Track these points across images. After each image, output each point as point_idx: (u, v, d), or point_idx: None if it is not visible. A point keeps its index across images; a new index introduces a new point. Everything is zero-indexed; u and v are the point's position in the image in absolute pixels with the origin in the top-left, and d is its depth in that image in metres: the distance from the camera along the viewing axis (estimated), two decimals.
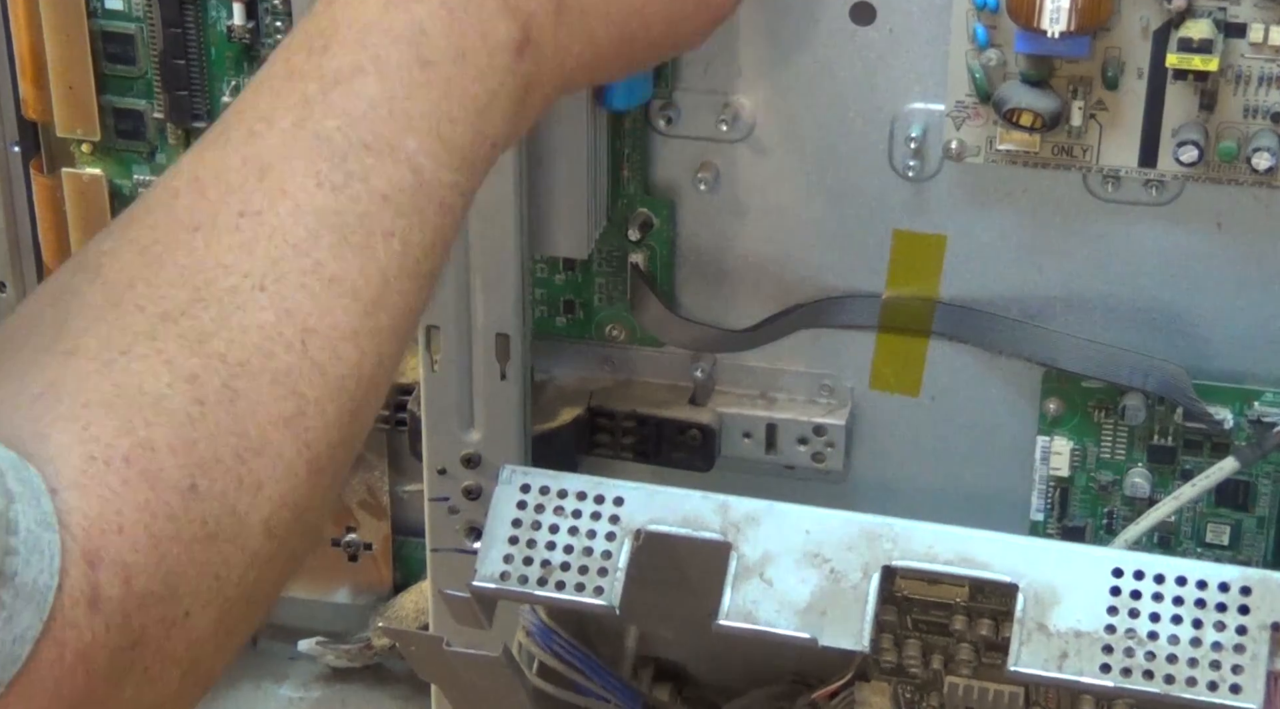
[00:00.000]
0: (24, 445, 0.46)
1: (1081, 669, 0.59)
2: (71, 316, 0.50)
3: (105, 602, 0.45)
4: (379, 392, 0.54)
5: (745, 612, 0.62)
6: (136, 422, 0.47)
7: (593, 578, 0.63)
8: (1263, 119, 0.66)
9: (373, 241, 0.53)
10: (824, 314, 0.76)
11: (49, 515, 0.45)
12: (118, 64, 0.79)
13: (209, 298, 0.50)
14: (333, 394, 0.51)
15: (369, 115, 0.53)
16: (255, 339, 0.50)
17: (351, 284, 0.52)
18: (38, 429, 0.46)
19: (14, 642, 0.43)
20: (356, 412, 0.52)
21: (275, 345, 0.50)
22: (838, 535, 0.63)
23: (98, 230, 0.81)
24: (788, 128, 0.73)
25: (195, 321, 0.49)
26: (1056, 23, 0.63)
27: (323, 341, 0.51)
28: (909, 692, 0.69)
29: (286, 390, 0.50)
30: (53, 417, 0.46)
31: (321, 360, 0.51)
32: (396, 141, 0.53)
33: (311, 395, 0.51)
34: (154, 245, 0.51)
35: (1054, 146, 0.68)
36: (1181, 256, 0.71)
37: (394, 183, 0.53)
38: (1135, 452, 0.74)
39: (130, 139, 0.80)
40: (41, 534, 0.44)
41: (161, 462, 0.47)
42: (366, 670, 0.93)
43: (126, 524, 0.46)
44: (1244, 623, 0.59)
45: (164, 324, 0.49)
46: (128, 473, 0.46)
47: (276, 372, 0.50)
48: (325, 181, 0.52)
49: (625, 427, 0.78)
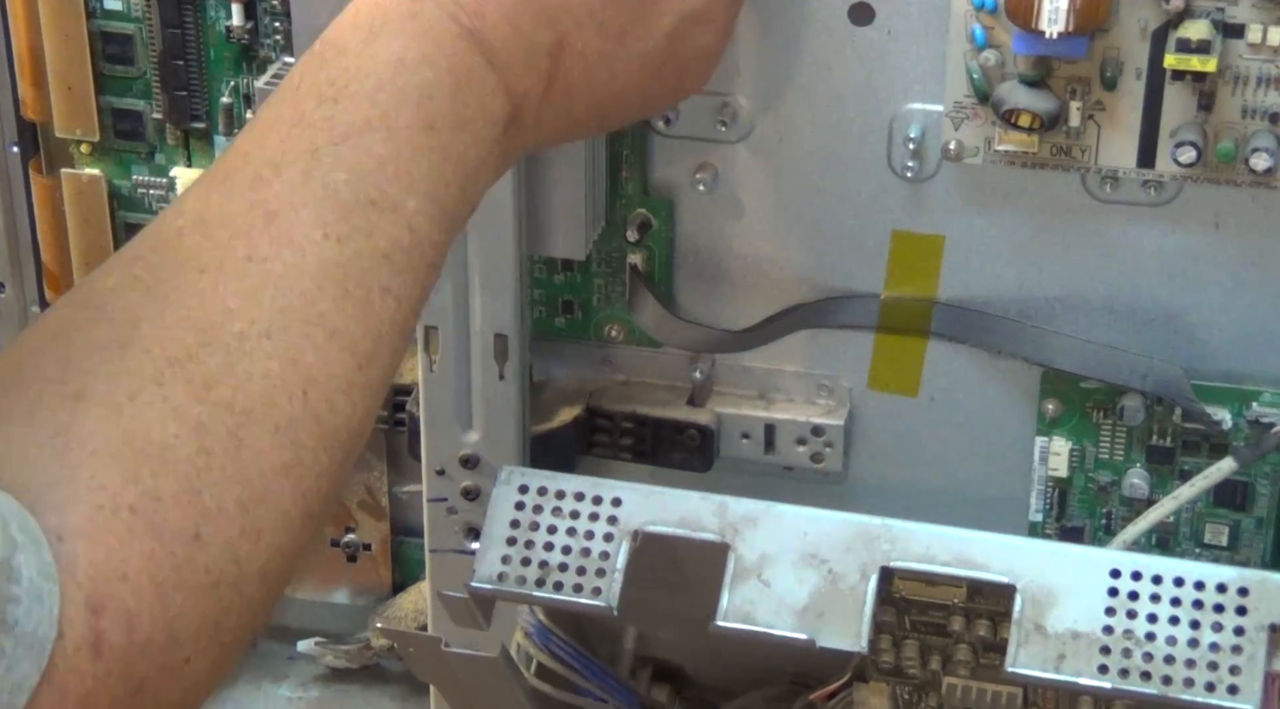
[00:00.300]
0: (32, 493, 0.46)
1: (1079, 670, 0.59)
2: (77, 355, 0.50)
3: (108, 649, 0.46)
4: (360, 443, 0.55)
5: (743, 612, 0.62)
6: (143, 471, 0.47)
7: (591, 579, 0.63)
8: (1261, 120, 0.66)
9: (371, 297, 0.53)
10: (822, 314, 0.76)
11: (50, 566, 0.45)
12: (117, 64, 0.79)
13: (215, 343, 0.50)
14: (327, 444, 0.52)
15: (376, 172, 0.54)
16: (260, 387, 0.51)
17: (350, 337, 0.53)
18: (46, 477, 0.46)
19: (12, 690, 0.43)
20: (344, 461, 0.53)
21: (279, 395, 0.51)
22: (836, 536, 0.63)
23: (97, 230, 0.82)
24: (786, 128, 0.73)
25: (202, 367, 0.50)
26: (1055, 23, 0.63)
27: (322, 393, 0.52)
28: (907, 693, 0.69)
29: (287, 440, 0.51)
30: (61, 464, 0.47)
31: (319, 411, 0.52)
32: (399, 200, 0.54)
33: (309, 445, 0.51)
34: (160, 285, 0.51)
35: (1052, 147, 0.68)
36: (1180, 257, 0.71)
37: (394, 241, 0.54)
38: (1134, 452, 0.74)
39: (129, 139, 0.80)
40: (43, 584, 0.44)
41: (167, 511, 0.47)
42: (365, 671, 0.93)
43: (131, 572, 0.46)
44: (1242, 624, 0.59)
45: (171, 369, 0.49)
46: (134, 522, 0.47)
47: (279, 421, 0.51)
48: (331, 234, 0.53)
49: (624, 427, 0.78)
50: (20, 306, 0.85)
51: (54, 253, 0.82)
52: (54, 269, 0.82)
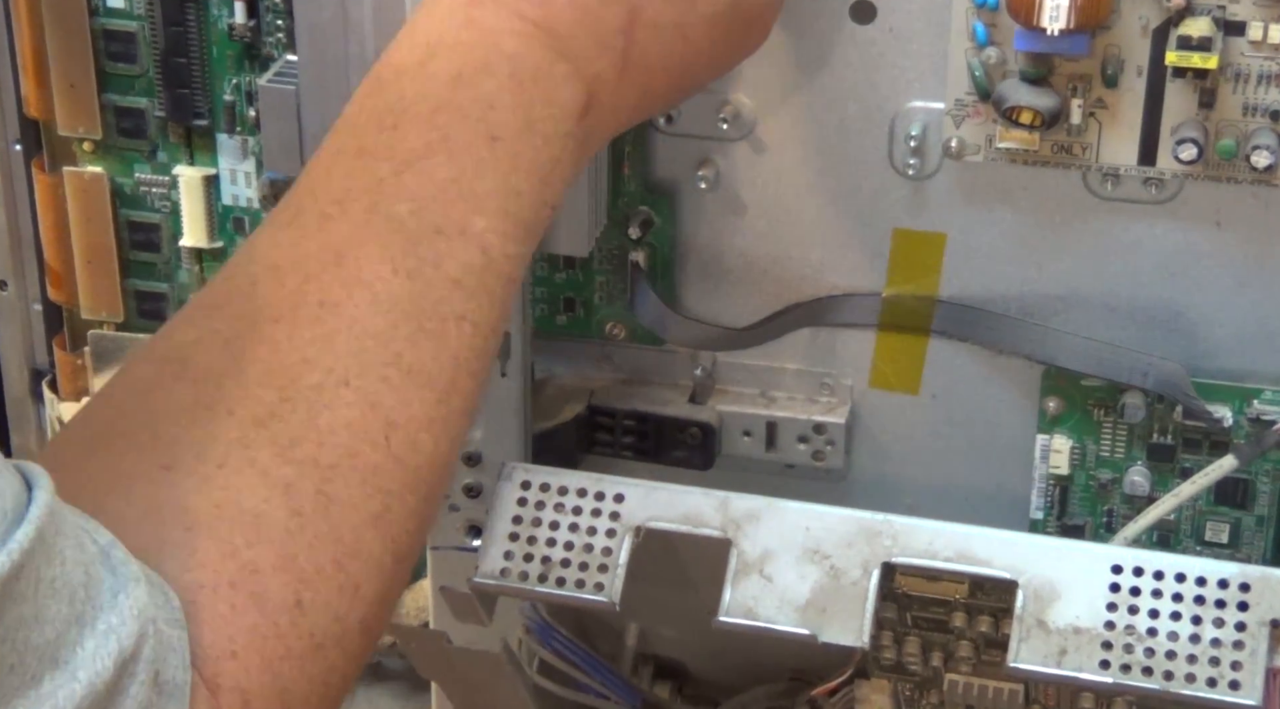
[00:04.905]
0: None
1: (1081, 665, 0.59)
2: (163, 420, 0.50)
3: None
4: (449, 474, 0.54)
5: (745, 608, 0.62)
6: (239, 543, 0.48)
7: (593, 575, 0.63)
8: (1262, 117, 0.66)
9: (446, 327, 0.53)
10: (824, 312, 0.76)
11: (178, 612, 0.45)
12: (119, 62, 0.79)
13: (295, 397, 0.50)
14: (412, 486, 0.52)
15: (439, 197, 0.53)
16: (344, 439, 0.50)
17: (428, 373, 0.52)
18: (146, 556, 0.46)
19: None
20: (430, 497, 0.53)
21: (361, 443, 0.51)
22: (837, 532, 0.63)
23: (99, 228, 0.82)
24: (788, 126, 0.73)
25: (284, 425, 0.50)
26: (1056, 20, 0.63)
27: (403, 435, 0.52)
28: (909, 689, 0.69)
29: (374, 489, 0.51)
30: (159, 543, 0.47)
31: (402, 453, 0.51)
32: (466, 222, 0.54)
33: (395, 490, 0.51)
34: (236, 339, 0.51)
35: (1053, 145, 0.68)
36: (1181, 255, 0.71)
37: (464, 265, 0.53)
38: (1135, 450, 0.74)
39: (132, 137, 0.80)
40: (171, 633, 0.45)
41: (266, 582, 0.48)
42: (366, 668, 0.93)
43: (239, 650, 0.47)
44: (1243, 619, 0.59)
45: (255, 430, 0.49)
46: (235, 598, 0.47)
47: (365, 471, 0.51)
48: (400, 269, 0.52)
49: (625, 425, 0.78)
50: (22, 305, 0.85)
51: (56, 251, 0.82)
52: (56, 267, 0.82)
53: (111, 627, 0.43)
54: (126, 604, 0.43)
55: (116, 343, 0.83)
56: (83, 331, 0.84)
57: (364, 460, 0.51)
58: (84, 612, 0.42)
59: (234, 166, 0.80)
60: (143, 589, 0.44)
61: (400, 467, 0.51)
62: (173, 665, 0.45)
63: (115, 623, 0.43)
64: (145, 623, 0.44)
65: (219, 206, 0.81)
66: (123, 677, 0.43)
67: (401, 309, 0.52)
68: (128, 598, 0.43)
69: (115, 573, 0.44)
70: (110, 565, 0.44)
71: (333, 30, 0.72)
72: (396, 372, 0.52)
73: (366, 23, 0.72)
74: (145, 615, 0.44)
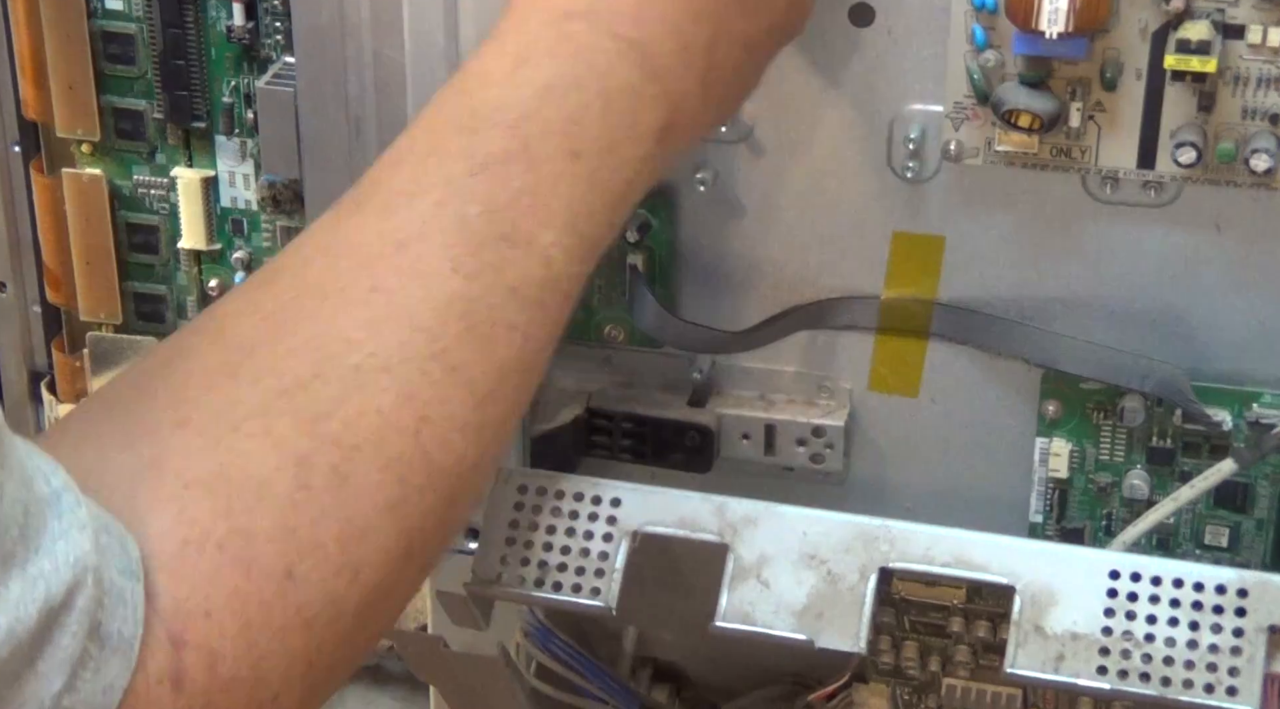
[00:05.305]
0: (122, 522, 0.45)
1: (1078, 671, 0.59)
2: (186, 382, 0.49)
3: (189, 683, 0.45)
4: (480, 485, 0.53)
5: (742, 613, 0.62)
6: (236, 506, 0.47)
7: (590, 579, 0.63)
8: (1261, 120, 0.66)
9: (496, 333, 0.52)
10: (823, 315, 0.76)
11: (134, 564, 0.44)
12: (118, 64, 0.79)
13: (330, 374, 0.49)
14: (436, 484, 0.51)
15: (511, 205, 0.53)
16: (373, 423, 0.49)
17: (470, 375, 0.51)
18: (137, 508, 0.46)
19: (103, 692, 0.43)
20: (454, 502, 0.52)
21: (390, 431, 0.50)
22: (835, 537, 0.63)
23: (98, 230, 0.82)
24: (786, 129, 0.73)
25: (312, 399, 0.49)
26: (1055, 24, 0.63)
27: (435, 431, 0.51)
28: (907, 693, 0.69)
29: (394, 477, 0.50)
30: (153, 496, 0.46)
31: (430, 449, 0.50)
32: (535, 234, 0.53)
33: (416, 483, 0.50)
34: (279, 311, 0.50)
35: (1052, 148, 0.68)
36: (1180, 258, 0.71)
37: (525, 276, 0.53)
38: (1134, 453, 0.74)
39: (130, 139, 0.80)
40: (125, 584, 0.44)
41: (257, 549, 0.47)
42: (365, 671, 0.93)
43: (214, 610, 0.46)
44: (1241, 625, 0.59)
45: (279, 400, 0.48)
46: (220, 559, 0.46)
47: (388, 457, 0.49)
48: (460, 268, 0.51)
49: (623, 428, 0.78)
50: (21, 306, 0.85)
51: (55, 253, 0.82)
52: (55, 269, 0.82)
53: (43, 572, 0.41)
54: (64, 551, 0.42)
55: (115, 345, 0.83)
56: (81, 333, 0.84)
57: (389, 448, 0.49)
58: (14, 552, 0.41)
59: (233, 168, 0.80)
60: (87, 536, 0.43)
61: (426, 462, 0.50)
62: (119, 618, 0.44)
63: (48, 569, 0.42)
64: (83, 572, 0.42)
65: (218, 208, 0.81)
66: (51, 627, 0.42)
67: (455, 308, 0.51)
68: (67, 545, 0.42)
69: (61, 518, 0.43)
70: (58, 511, 0.43)
71: (331, 32, 0.72)
72: (439, 367, 0.51)
73: (364, 25, 0.72)
74: (84, 564, 0.42)
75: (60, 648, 0.42)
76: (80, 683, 0.43)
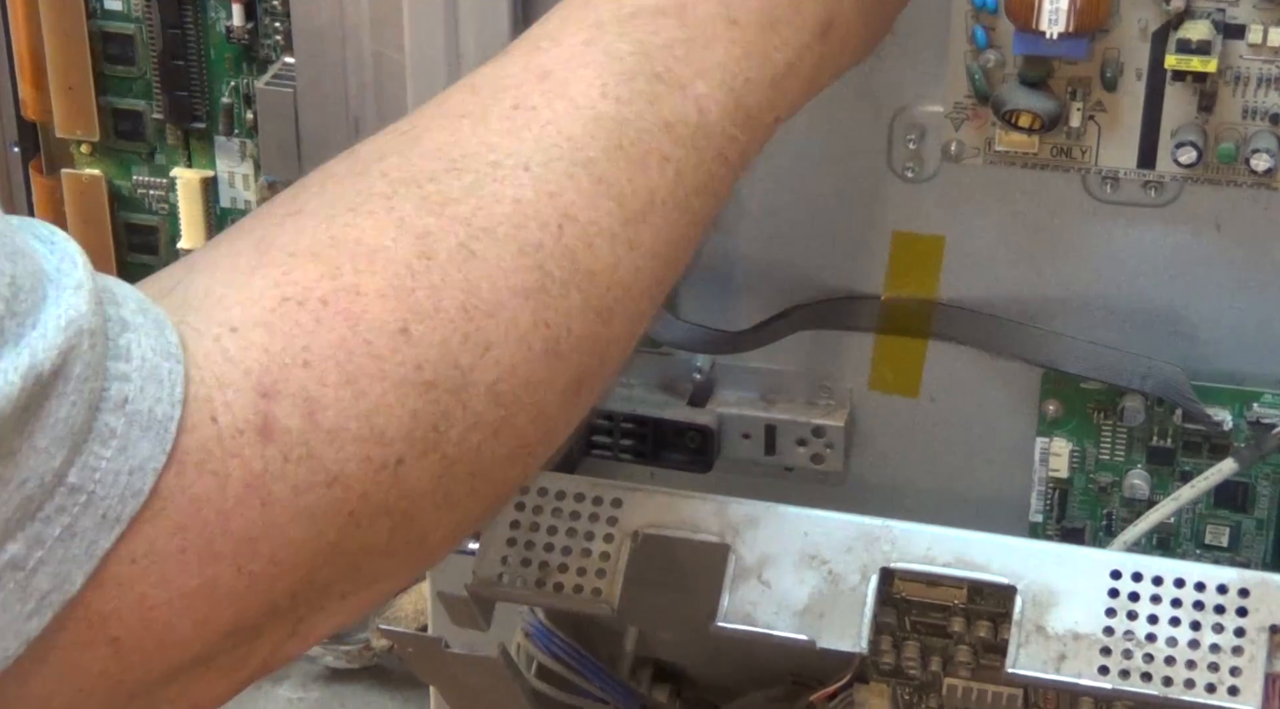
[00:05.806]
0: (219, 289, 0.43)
1: (1079, 671, 0.59)
2: (309, 186, 0.47)
3: (282, 433, 0.42)
4: (636, 306, 0.50)
5: (743, 613, 0.62)
6: (345, 268, 0.44)
7: (591, 579, 0.63)
8: (1261, 120, 0.66)
9: (648, 159, 0.49)
10: (823, 315, 0.76)
11: (173, 346, 0.42)
12: (117, 65, 0.79)
13: (464, 167, 0.47)
14: (580, 283, 0.47)
15: (664, 51, 0.50)
16: (508, 210, 0.46)
17: (619, 190, 0.48)
18: (237, 277, 0.43)
19: (131, 473, 0.40)
20: (605, 313, 0.48)
21: (529, 220, 0.46)
22: (836, 537, 0.63)
23: (97, 230, 0.82)
24: (786, 128, 0.72)
25: (441, 187, 0.46)
26: (1055, 24, 0.63)
27: (580, 231, 0.47)
28: (908, 693, 0.69)
29: (532, 263, 0.46)
30: (255, 265, 0.44)
31: (575, 247, 0.47)
32: (687, 81, 0.51)
33: (558, 276, 0.47)
34: (415, 128, 0.48)
35: (1052, 148, 0.68)
36: (1180, 258, 0.71)
37: (678, 114, 0.50)
38: (1134, 453, 0.74)
39: (129, 140, 0.80)
40: (160, 363, 0.41)
41: (366, 305, 0.44)
42: (365, 671, 0.93)
43: (314, 360, 0.43)
44: (1242, 625, 0.59)
45: (406, 187, 0.46)
46: (323, 313, 0.43)
47: (525, 243, 0.46)
48: (610, 93, 0.49)
49: (624, 428, 0.78)
50: None
51: None
52: None
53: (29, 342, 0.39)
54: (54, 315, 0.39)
55: None
56: None
57: (528, 235, 0.46)
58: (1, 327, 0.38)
59: (232, 169, 0.80)
60: (83, 296, 0.40)
61: (570, 258, 0.47)
62: (150, 397, 0.41)
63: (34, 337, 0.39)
64: (76, 335, 0.39)
65: (217, 209, 0.81)
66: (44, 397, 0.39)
67: (603, 125, 0.48)
68: (58, 308, 0.39)
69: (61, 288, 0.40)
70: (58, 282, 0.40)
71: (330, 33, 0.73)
72: (585, 174, 0.48)
73: (364, 25, 0.72)
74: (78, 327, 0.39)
75: (58, 419, 0.39)
76: (94, 459, 0.40)
